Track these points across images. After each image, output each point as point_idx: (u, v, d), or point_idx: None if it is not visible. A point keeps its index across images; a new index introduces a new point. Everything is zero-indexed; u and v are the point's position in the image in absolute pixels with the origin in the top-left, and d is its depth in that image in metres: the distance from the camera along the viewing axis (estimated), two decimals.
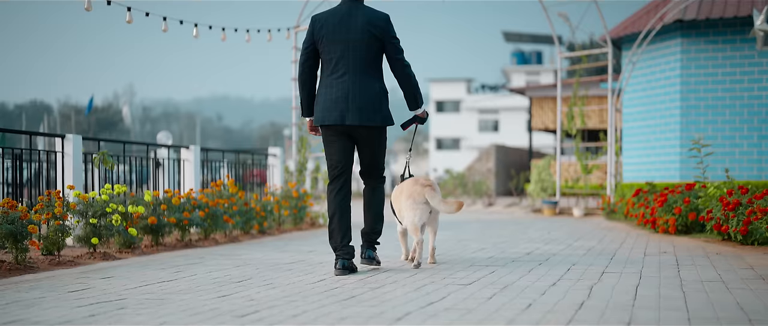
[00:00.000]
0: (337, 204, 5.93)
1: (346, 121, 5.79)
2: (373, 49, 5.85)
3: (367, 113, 5.81)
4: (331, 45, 5.84)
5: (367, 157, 6.07)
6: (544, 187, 16.42)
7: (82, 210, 7.30)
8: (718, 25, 16.60)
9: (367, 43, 5.82)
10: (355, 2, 5.92)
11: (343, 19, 5.84)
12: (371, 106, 5.82)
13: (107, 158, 8.20)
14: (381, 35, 5.85)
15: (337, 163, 5.96)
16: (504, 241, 8.90)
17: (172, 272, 6.12)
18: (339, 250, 5.85)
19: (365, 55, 5.83)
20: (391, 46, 5.88)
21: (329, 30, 5.84)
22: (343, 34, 5.82)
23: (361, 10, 5.88)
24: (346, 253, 5.84)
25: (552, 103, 26.07)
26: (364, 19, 5.84)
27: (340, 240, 5.85)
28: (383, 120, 5.87)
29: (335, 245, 5.87)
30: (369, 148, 6.01)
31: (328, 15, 5.91)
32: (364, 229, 6.16)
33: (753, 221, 7.68)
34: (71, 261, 6.84)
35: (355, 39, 5.81)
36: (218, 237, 9.37)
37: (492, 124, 69.64)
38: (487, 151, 28.75)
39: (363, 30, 5.82)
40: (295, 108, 12.76)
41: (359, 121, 5.79)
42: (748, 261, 6.48)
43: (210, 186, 9.98)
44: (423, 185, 6.16)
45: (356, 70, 5.81)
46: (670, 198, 9.73)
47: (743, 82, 16.63)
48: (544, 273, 5.77)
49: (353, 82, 5.81)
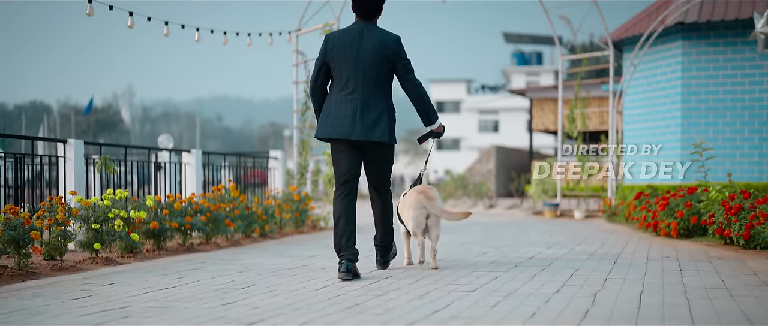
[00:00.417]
0: (343, 209, 6.10)
1: (353, 136, 5.99)
2: (383, 69, 6.05)
3: (373, 130, 6.00)
4: (343, 63, 6.02)
5: (373, 172, 6.32)
6: (544, 189, 16.42)
7: (84, 215, 7.29)
8: (720, 28, 16.60)
9: (378, 63, 6.02)
10: (367, 23, 6.12)
11: (355, 39, 6.04)
12: (377, 124, 6.01)
13: (109, 163, 8.19)
14: (392, 56, 6.05)
15: (345, 172, 6.17)
16: (506, 245, 8.90)
17: (174, 278, 6.12)
18: (343, 252, 5.98)
19: (375, 75, 6.03)
20: (402, 66, 6.07)
21: (341, 49, 6.03)
22: (354, 53, 6.02)
23: (373, 30, 6.08)
24: (350, 255, 5.97)
25: (552, 104, 26.06)
26: (375, 39, 6.03)
27: (345, 243, 6.00)
28: (388, 138, 6.05)
29: (339, 247, 6.01)
30: (376, 163, 6.26)
31: (341, 34, 6.11)
32: (376, 242, 6.49)
33: (756, 226, 7.67)
34: (73, 267, 6.84)
35: (365, 59, 6.01)
36: (220, 241, 9.37)
37: (492, 124, 69.67)
38: (488, 152, 28.75)
39: (374, 50, 6.01)
40: (296, 111, 12.76)
41: (365, 137, 5.98)
42: (751, 267, 6.48)
43: (211, 190, 9.98)
44: (420, 193, 6.42)
45: (365, 88, 6.02)
46: (672, 202, 9.73)
47: (744, 85, 16.63)
48: (547, 280, 5.76)
49: (362, 99, 6.01)
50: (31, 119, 74.20)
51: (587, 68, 15.72)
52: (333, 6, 12.38)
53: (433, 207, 6.34)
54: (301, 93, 12.63)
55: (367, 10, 6.11)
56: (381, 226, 6.47)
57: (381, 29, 6.13)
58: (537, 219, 14.68)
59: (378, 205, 6.46)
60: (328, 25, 12.22)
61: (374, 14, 6.15)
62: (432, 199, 6.37)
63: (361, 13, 6.13)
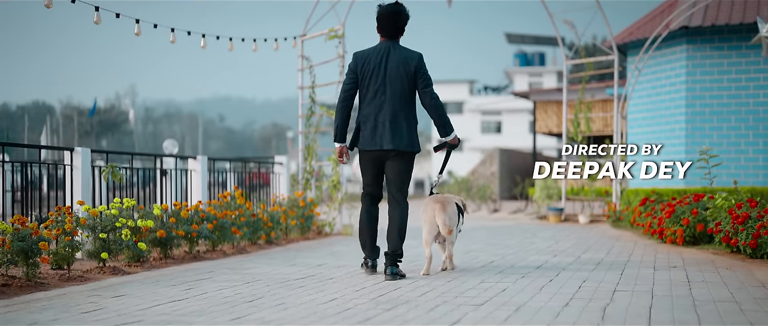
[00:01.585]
0: (367, 215, 6.95)
1: (382, 146, 6.69)
2: (406, 84, 6.70)
3: (398, 139, 6.68)
4: (371, 79, 6.71)
5: (392, 176, 6.83)
6: (549, 194, 16.41)
7: (91, 224, 7.30)
8: (724, 32, 16.60)
9: (402, 77, 6.69)
10: (392, 42, 6.79)
11: (381, 57, 6.72)
12: (401, 133, 6.69)
13: (116, 172, 8.20)
14: (413, 71, 6.70)
15: (371, 182, 6.93)
16: (512, 253, 8.90)
17: (182, 289, 6.12)
18: (367, 250, 6.94)
19: (399, 88, 6.69)
20: (422, 80, 6.71)
21: (369, 66, 6.72)
22: (381, 69, 6.70)
23: (398, 49, 6.76)
24: (373, 253, 6.94)
25: (556, 106, 26.04)
26: (400, 57, 6.72)
27: (369, 243, 6.93)
28: (411, 146, 6.74)
29: (364, 246, 6.95)
30: (396, 168, 6.80)
31: (369, 52, 6.78)
32: (387, 251, 6.73)
33: (763, 235, 7.67)
34: (81, 277, 6.85)
35: (391, 74, 6.68)
36: (226, 248, 9.37)
37: (495, 125, 69.61)
38: (491, 154, 28.72)
39: (398, 66, 6.68)
40: (301, 116, 12.76)
41: (392, 145, 6.66)
42: (758, 278, 6.48)
43: (217, 197, 9.98)
44: (436, 202, 6.90)
45: (392, 101, 6.69)
46: (678, 209, 9.72)
47: (749, 89, 16.63)
48: (555, 292, 5.77)
49: (389, 111, 6.68)
50: (34, 120, 74.23)
51: (591, 73, 15.70)
52: (338, 11, 12.38)
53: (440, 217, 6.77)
54: (306, 98, 12.62)
55: (392, 32, 6.79)
56: (396, 233, 6.73)
57: (404, 47, 6.80)
58: (541, 224, 14.68)
59: (396, 211, 6.82)
60: (334, 30, 12.22)
61: (398, 34, 6.82)
62: (445, 213, 6.78)
63: (387, 34, 6.80)
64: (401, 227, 6.75)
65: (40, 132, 51.82)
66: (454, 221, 6.86)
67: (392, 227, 6.76)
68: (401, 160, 6.78)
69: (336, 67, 12.33)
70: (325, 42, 12.28)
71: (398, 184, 6.82)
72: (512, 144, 57.57)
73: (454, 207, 6.93)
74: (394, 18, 6.76)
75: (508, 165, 27.98)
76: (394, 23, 6.76)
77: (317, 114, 12.52)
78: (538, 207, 17.28)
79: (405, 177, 6.83)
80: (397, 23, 6.77)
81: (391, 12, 6.75)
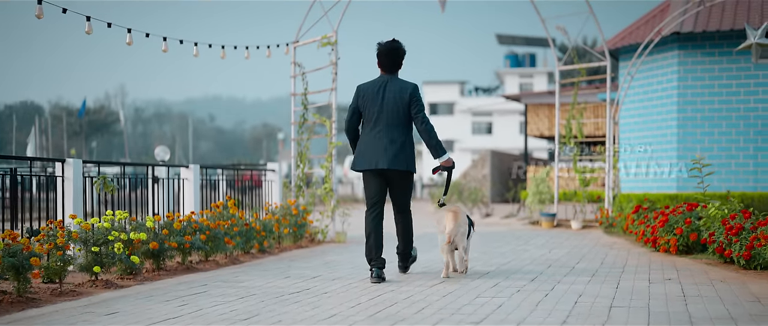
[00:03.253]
0: (373, 227, 7.47)
1: (379, 166, 7.39)
2: (402, 111, 7.45)
3: (396, 161, 7.39)
4: (371, 108, 7.48)
5: (396, 195, 7.67)
6: (541, 199, 16.40)
7: (83, 237, 7.25)
8: (715, 38, 16.64)
9: (398, 106, 7.44)
10: (390, 75, 7.59)
11: (380, 88, 7.51)
12: (399, 156, 7.41)
13: (108, 183, 8.16)
14: (408, 99, 7.44)
15: (374, 196, 7.56)
16: (506, 262, 8.90)
17: (176, 305, 6.08)
18: (374, 262, 7.38)
19: (396, 116, 7.44)
20: (415, 107, 7.45)
21: (370, 96, 7.50)
22: (379, 99, 7.46)
23: (395, 81, 7.55)
24: (380, 264, 7.37)
25: (547, 109, 26.08)
26: (396, 88, 7.49)
27: (375, 254, 7.39)
28: (408, 167, 7.44)
29: (370, 258, 7.40)
30: (398, 187, 7.62)
31: (370, 84, 7.58)
32: (398, 251, 7.84)
33: (756, 247, 7.68)
34: (74, 291, 6.80)
35: (388, 104, 7.44)
36: (219, 258, 9.33)
37: (485, 126, 69.69)
38: (482, 156, 28.76)
39: (395, 97, 7.45)
40: (293, 123, 12.72)
41: (389, 166, 7.38)
42: (753, 292, 6.48)
43: (210, 206, 9.94)
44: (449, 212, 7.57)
45: (389, 127, 7.43)
46: (672, 218, 9.73)
47: (739, 94, 16.67)
48: (552, 308, 5.75)
49: (386, 136, 7.42)
50: (22, 120, 73.88)
51: (583, 78, 15.70)
52: (331, 18, 12.34)
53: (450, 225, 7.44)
54: (298, 105, 12.58)
55: (389, 67, 7.58)
56: (402, 240, 7.77)
57: (401, 80, 7.59)
58: (534, 230, 14.68)
59: (400, 223, 7.76)
60: (326, 37, 12.17)
61: (395, 69, 7.61)
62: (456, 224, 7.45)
63: (386, 69, 7.60)
64: (406, 233, 7.73)
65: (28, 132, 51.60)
66: (463, 229, 7.52)
67: (399, 235, 7.77)
68: (401, 179, 7.55)
69: (329, 74, 12.29)
70: (318, 49, 12.24)
71: (401, 200, 7.68)
72: (503, 145, 57.67)
73: (464, 217, 7.60)
74: (393, 54, 7.56)
75: (499, 167, 28.02)
76: (392, 59, 7.55)
77: (310, 121, 12.48)
78: (531, 212, 17.29)
79: (406, 193, 7.67)
80: (395, 59, 7.57)
81: (390, 49, 7.56)
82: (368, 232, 7.46)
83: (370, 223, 7.48)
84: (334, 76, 12.24)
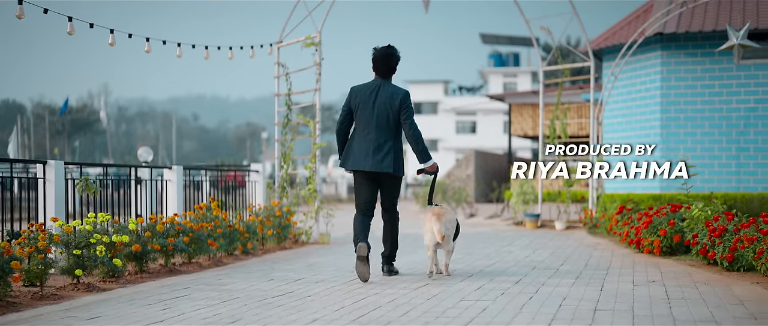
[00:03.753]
0: (361, 225, 7.64)
1: (367, 168, 7.61)
2: (392, 116, 7.65)
3: (383, 164, 7.60)
4: (363, 111, 7.68)
5: (385, 196, 7.88)
6: (525, 200, 16.42)
7: (65, 240, 7.18)
8: (698, 39, 16.71)
9: (389, 111, 7.64)
10: (383, 80, 7.78)
11: (373, 92, 7.71)
12: (387, 159, 7.61)
13: (90, 185, 8.10)
14: (398, 105, 7.65)
15: (365, 199, 7.76)
16: (490, 264, 8.89)
17: (159, 309, 6.03)
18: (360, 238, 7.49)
19: (386, 121, 7.64)
20: (404, 113, 7.66)
21: (362, 99, 7.69)
22: (371, 103, 7.66)
23: (388, 86, 7.75)
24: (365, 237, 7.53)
25: (531, 109, 26.12)
26: (388, 93, 7.69)
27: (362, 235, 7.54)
28: (395, 170, 7.65)
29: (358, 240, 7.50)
30: (387, 189, 7.84)
31: (363, 88, 7.78)
32: (383, 253, 7.94)
33: (739, 249, 7.70)
34: (55, 295, 6.74)
35: (380, 108, 7.64)
36: (202, 260, 9.28)
37: (470, 125, 69.77)
38: (467, 156, 28.77)
39: (386, 101, 7.65)
40: (277, 123, 12.67)
41: (379, 169, 7.60)
42: (736, 294, 6.50)
43: (193, 208, 9.88)
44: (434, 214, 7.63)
45: (379, 131, 7.63)
46: (655, 220, 9.75)
47: (722, 95, 16.75)
48: (536, 311, 5.75)
49: (376, 139, 7.62)
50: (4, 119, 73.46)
51: (567, 79, 15.73)
52: (315, 18, 12.30)
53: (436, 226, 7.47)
54: (282, 106, 12.54)
55: (384, 72, 7.78)
56: (389, 242, 7.90)
57: (394, 85, 7.78)
58: (518, 231, 14.69)
59: (388, 224, 7.93)
60: (310, 38, 12.13)
61: (390, 73, 7.81)
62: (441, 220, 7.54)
63: (380, 73, 7.79)
64: (394, 234, 7.90)
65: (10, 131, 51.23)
66: (450, 229, 7.60)
67: (386, 235, 7.91)
68: (390, 181, 7.79)
69: (313, 74, 12.25)
70: (302, 49, 12.20)
71: (389, 200, 7.89)
72: (487, 144, 57.74)
73: (451, 217, 7.69)
74: (388, 59, 7.76)
75: (483, 167, 28.04)
76: (387, 64, 7.76)
77: (294, 122, 12.44)
78: (515, 213, 17.30)
79: (394, 194, 7.90)
80: (390, 64, 7.77)
81: (386, 54, 7.76)
82: (357, 231, 7.61)
83: (359, 224, 7.65)
84: (318, 76, 12.21)
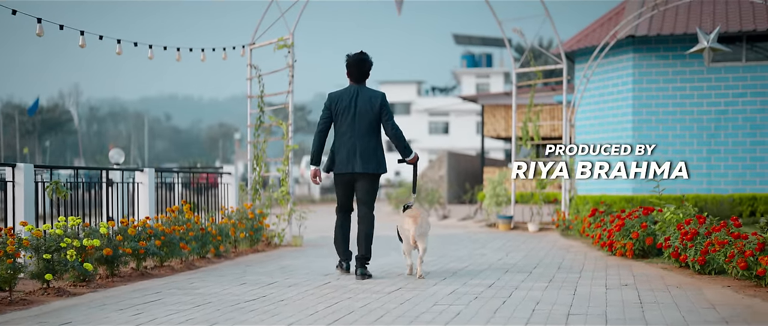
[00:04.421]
0: (341, 228, 8.24)
1: (354, 169, 8.00)
2: (372, 118, 8.05)
3: (367, 163, 8.01)
4: (345, 116, 8.05)
5: (362, 194, 8.14)
6: (498, 201, 16.46)
7: (35, 244, 7.09)
8: (669, 41, 16.84)
9: (369, 114, 8.04)
10: (359, 85, 8.17)
11: (352, 97, 8.08)
12: (369, 158, 8.02)
13: (60, 188, 8.01)
14: (378, 108, 8.07)
15: (344, 201, 8.26)
16: (464, 267, 8.90)
17: (131, 314, 5.98)
18: (341, 257, 8.25)
19: (367, 122, 8.04)
20: (385, 114, 8.10)
21: (342, 104, 8.06)
22: (351, 107, 8.04)
23: (364, 91, 8.15)
24: (346, 258, 8.25)
25: (504, 110, 26.18)
26: (366, 97, 8.10)
27: (343, 250, 8.23)
28: (378, 169, 8.07)
29: (339, 253, 8.25)
30: (364, 187, 8.13)
31: (341, 93, 8.16)
32: (358, 255, 8.00)
33: (711, 252, 7.76)
34: (24, 300, 6.66)
35: (360, 111, 8.03)
36: (174, 263, 9.21)
37: (442, 126, 69.88)
38: (440, 158, 28.77)
39: (366, 105, 8.05)
40: (250, 125, 12.62)
41: (362, 169, 8.00)
42: (708, 298, 6.54)
43: (165, 210, 9.80)
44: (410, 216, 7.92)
45: (360, 133, 8.02)
46: (628, 223, 9.80)
47: (693, 97, 16.89)
48: (509, 316, 5.75)
49: (358, 141, 8.01)
50: None
51: (540, 81, 15.78)
52: (287, 20, 12.25)
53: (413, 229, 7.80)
54: (255, 107, 12.47)
55: (358, 77, 8.16)
56: (364, 242, 8.01)
57: (369, 89, 8.17)
58: (491, 232, 14.72)
59: (363, 223, 8.08)
60: (283, 39, 12.08)
61: (363, 78, 8.18)
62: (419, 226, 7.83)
63: (354, 78, 8.17)
64: (368, 235, 8.03)
65: None
66: (425, 231, 7.92)
67: (361, 236, 8.04)
68: (369, 181, 8.11)
69: (286, 76, 12.20)
70: (275, 51, 12.14)
71: (366, 201, 8.14)
72: (460, 145, 57.83)
73: (426, 219, 8.05)
74: (361, 65, 8.13)
75: (456, 168, 28.06)
76: (360, 69, 8.15)
77: (266, 124, 12.38)
78: (488, 215, 17.33)
79: (372, 195, 8.17)
80: (363, 69, 8.16)
81: (359, 60, 8.13)
82: (337, 230, 8.23)
83: (340, 226, 8.23)
84: (291, 78, 12.16)
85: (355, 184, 8.17)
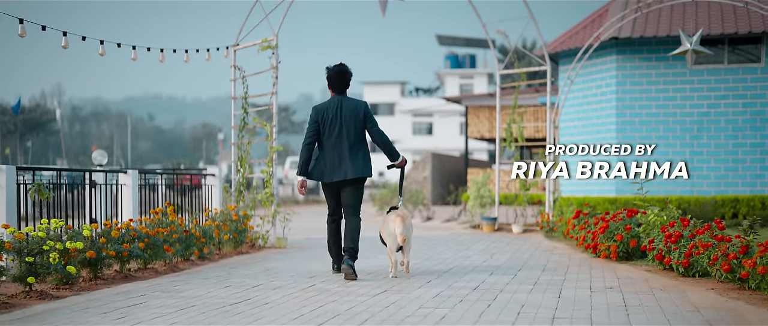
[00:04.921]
0: (333, 231, 8.57)
1: (345, 176, 8.24)
2: (357, 126, 8.33)
3: (354, 170, 8.25)
4: (332, 127, 8.30)
5: (348, 199, 8.40)
6: (482, 203, 16.48)
7: (17, 248, 7.03)
8: (652, 43, 16.91)
9: (354, 122, 8.31)
10: (342, 96, 8.43)
11: (337, 108, 8.35)
12: (358, 164, 8.28)
13: (43, 190, 7.95)
14: (362, 116, 8.36)
15: (334, 207, 8.55)
16: (448, 269, 8.89)
17: (114, 317, 5.94)
18: (335, 261, 8.60)
19: (353, 131, 8.30)
20: (370, 122, 8.38)
21: (329, 117, 8.31)
22: (337, 118, 8.30)
23: (347, 101, 8.42)
24: (339, 262, 8.46)
25: (488, 112, 26.22)
26: (351, 107, 8.37)
27: (336, 255, 8.56)
28: (364, 173, 8.32)
29: (333, 257, 8.63)
30: (350, 193, 8.38)
31: (327, 105, 8.41)
32: (344, 247, 8.27)
33: (695, 254, 7.79)
34: (6, 303, 6.60)
35: (346, 121, 8.29)
36: (158, 266, 9.16)
37: (426, 127, 69.92)
38: (424, 159, 28.77)
39: (351, 114, 8.32)
40: (234, 127, 12.57)
41: (350, 175, 8.24)
42: (692, 301, 6.56)
43: (148, 213, 9.75)
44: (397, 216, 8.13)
45: (347, 141, 8.28)
46: (612, 225, 9.82)
47: (676, 99, 16.97)
48: (494, 320, 5.75)
49: (345, 149, 8.27)
50: None
51: (524, 83, 15.81)
52: (271, 21, 12.21)
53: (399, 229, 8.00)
54: (238, 108, 12.43)
55: (339, 89, 8.43)
56: (349, 239, 8.27)
57: (352, 98, 8.44)
58: (476, 234, 14.73)
59: (350, 224, 8.32)
60: (267, 41, 12.04)
61: (344, 89, 8.46)
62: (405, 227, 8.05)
63: (336, 90, 8.44)
64: (354, 233, 8.25)
65: None
66: (410, 231, 8.18)
67: (347, 235, 8.29)
68: (355, 186, 8.36)
69: (270, 77, 12.16)
70: (259, 53, 12.10)
71: (353, 205, 8.38)
72: (443, 146, 57.89)
73: (411, 220, 8.28)
74: (341, 77, 8.40)
75: (440, 169, 28.07)
76: (341, 81, 8.42)
77: (250, 125, 12.34)
78: (472, 216, 17.34)
79: (358, 200, 8.41)
80: (344, 80, 8.44)
81: (340, 72, 8.40)
82: (330, 235, 8.57)
83: (331, 230, 8.55)
84: (275, 80, 12.12)
85: (340, 191, 8.40)
